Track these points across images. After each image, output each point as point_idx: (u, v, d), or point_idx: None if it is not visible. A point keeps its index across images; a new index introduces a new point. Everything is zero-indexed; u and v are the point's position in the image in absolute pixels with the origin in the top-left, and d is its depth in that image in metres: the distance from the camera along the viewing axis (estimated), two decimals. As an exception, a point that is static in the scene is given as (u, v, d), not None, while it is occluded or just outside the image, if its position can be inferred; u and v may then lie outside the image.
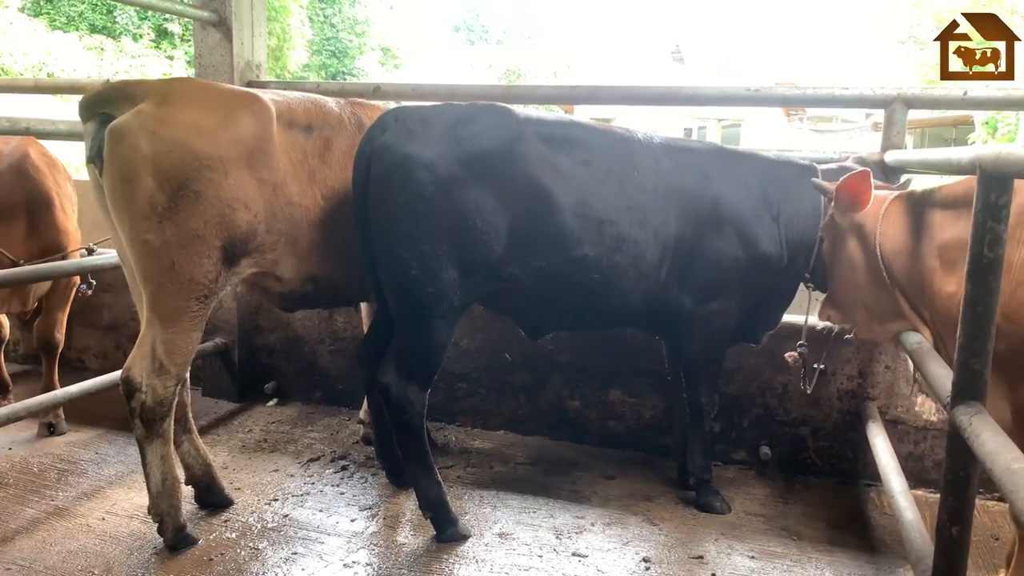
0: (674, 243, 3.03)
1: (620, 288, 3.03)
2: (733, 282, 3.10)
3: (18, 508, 3.20)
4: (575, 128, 3.04)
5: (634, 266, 2.99)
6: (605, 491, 3.45)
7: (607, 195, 2.94)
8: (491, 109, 2.93)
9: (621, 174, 2.99)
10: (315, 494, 3.36)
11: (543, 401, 3.98)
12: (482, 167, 2.78)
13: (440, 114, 2.87)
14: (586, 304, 3.10)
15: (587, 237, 2.91)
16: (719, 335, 3.20)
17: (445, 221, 2.75)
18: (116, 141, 2.57)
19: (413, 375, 2.90)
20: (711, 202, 3.04)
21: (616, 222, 2.94)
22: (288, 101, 3.01)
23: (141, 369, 2.72)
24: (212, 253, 2.69)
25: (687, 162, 3.09)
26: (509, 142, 2.83)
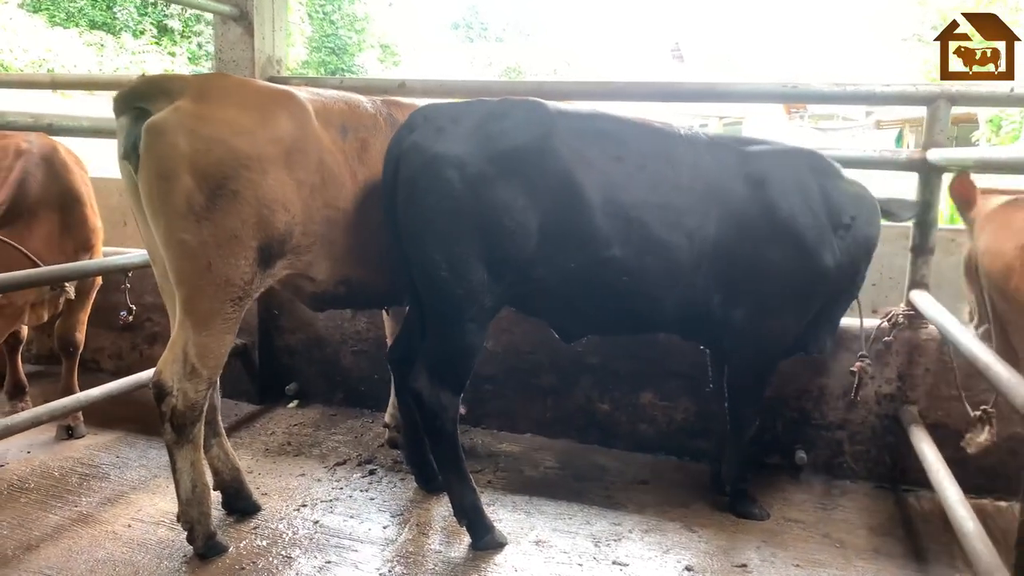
0: (712, 247, 2.90)
1: (651, 292, 2.91)
2: (794, 296, 2.99)
3: (41, 514, 3.12)
4: (609, 122, 2.92)
5: (665, 269, 2.87)
6: (640, 497, 3.38)
7: (638, 192, 2.81)
8: (523, 104, 2.84)
9: (655, 171, 2.86)
10: (344, 499, 3.28)
11: (571, 404, 3.91)
12: (512, 164, 2.68)
13: (470, 111, 2.78)
14: (616, 308, 3.00)
15: (616, 237, 2.79)
16: (771, 351, 3.11)
17: (474, 221, 2.67)
18: (154, 138, 2.50)
19: (445, 380, 2.82)
20: (765, 208, 2.91)
21: (646, 222, 2.81)
22: (323, 100, 2.93)
23: (172, 372, 2.65)
24: (248, 254, 2.62)
25: (734, 162, 2.97)
26: (540, 138, 2.73)
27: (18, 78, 7.82)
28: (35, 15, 22.63)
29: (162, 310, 4.47)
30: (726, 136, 3.12)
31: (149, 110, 2.55)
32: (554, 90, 3.91)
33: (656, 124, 3.05)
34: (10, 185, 3.54)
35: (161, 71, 22.79)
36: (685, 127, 3.09)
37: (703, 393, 3.63)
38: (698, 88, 3.81)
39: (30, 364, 4.97)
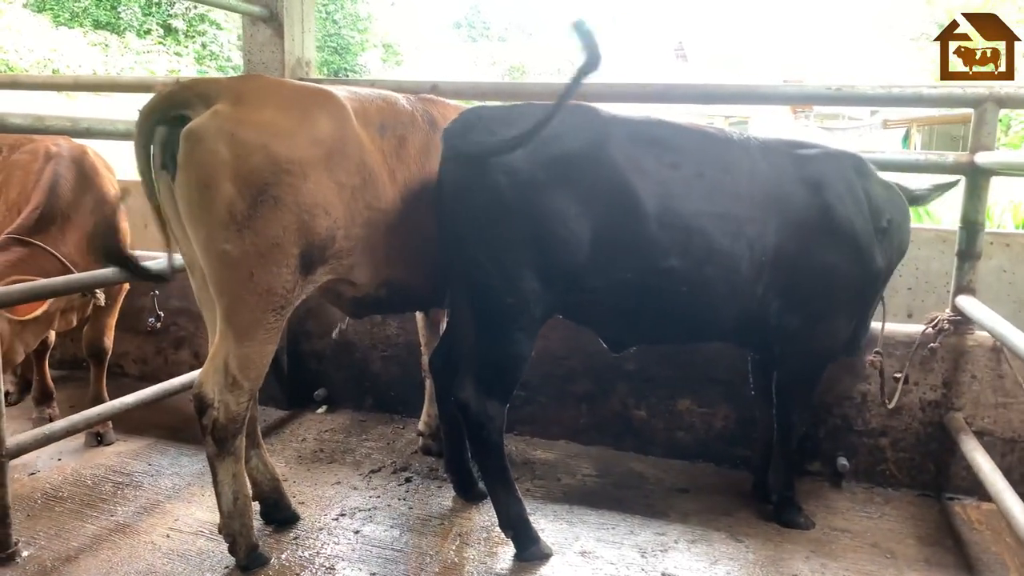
0: (773, 256, 2.84)
1: (710, 303, 2.86)
2: (848, 300, 2.96)
3: (78, 524, 3.07)
4: (664, 128, 2.87)
5: (726, 280, 2.81)
6: (682, 505, 3.33)
7: (696, 202, 2.76)
8: (576, 110, 2.79)
9: (712, 179, 2.81)
10: (383, 508, 3.24)
11: (607, 410, 3.86)
12: (565, 171, 2.64)
13: (522, 114, 2.71)
14: (673, 319, 2.95)
15: (674, 248, 2.73)
16: (824, 355, 3.08)
17: (525, 228, 2.62)
18: (193, 145, 2.41)
19: (493, 389, 2.78)
20: (823, 213, 2.87)
21: (706, 231, 2.76)
22: (361, 99, 2.87)
23: (214, 384, 2.59)
24: (290, 262, 2.55)
25: (789, 167, 2.93)
26: (594, 145, 2.68)
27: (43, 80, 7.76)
28: (39, 15, 22.59)
29: (188, 315, 4.47)
30: (776, 140, 3.06)
31: (188, 117, 2.47)
32: (590, 92, 3.85)
33: (710, 129, 3.01)
34: (43, 189, 3.50)
35: (167, 71, 22.76)
36: (737, 131, 3.04)
37: (742, 399, 3.59)
38: (740, 90, 3.76)
39: (54, 369, 4.92)
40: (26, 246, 3.38)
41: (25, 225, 3.43)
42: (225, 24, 26.38)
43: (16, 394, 4.27)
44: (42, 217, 3.44)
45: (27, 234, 3.41)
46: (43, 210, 3.44)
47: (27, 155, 3.72)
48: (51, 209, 3.47)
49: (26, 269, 3.28)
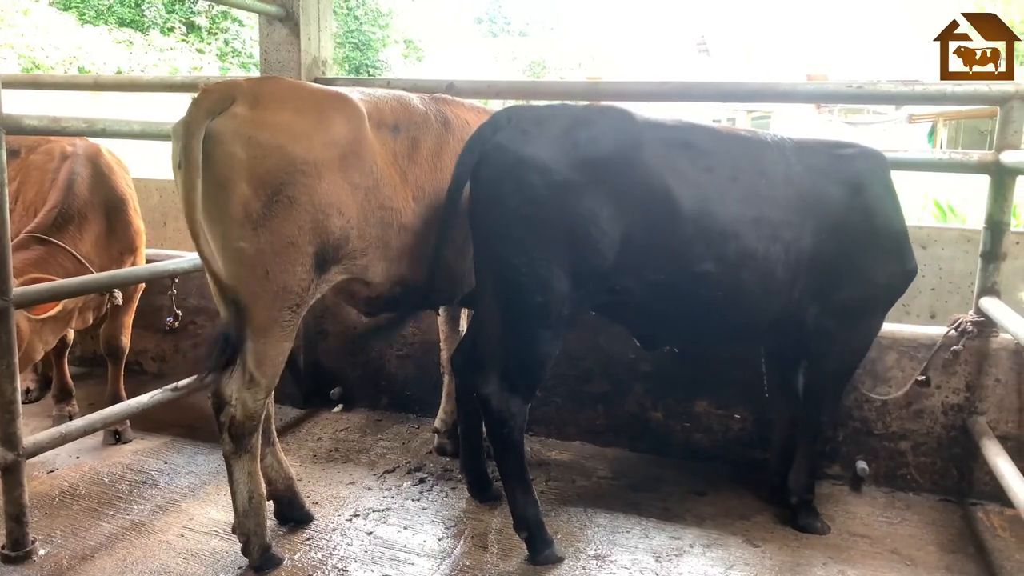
0: (808, 260, 2.81)
1: (746, 307, 2.85)
2: (885, 300, 2.94)
3: (94, 522, 3.10)
4: (697, 132, 2.85)
5: (761, 284, 2.79)
6: (698, 509, 3.29)
7: (731, 206, 2.74)
8: (610, 112, 2.79)
9: (747, 182, 2.79)
10: (396, 509, 3.23)
11: (623, 411, 3.82)
12: (599, 173, 2.64)
13: (555, 115, 2.73)
14: (707, 322, 2.93)
15: (709, 252, 2.72)
16: (859, 354, 3.06)
17: (557, 228, 2.62)
18: (212, 146, 2.45)
19: (517, 387, 2.77)
20: (863, 214, 2.83)
21: (741, 236, 2.74)
22: (375, 101, 2.88)
23: (231, 382, 2.61)
24: (305, 260, 2.58)
25: (826, 167, 2.89)
26: (629, 148, 2.68)
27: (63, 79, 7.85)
28: (65, 13, 22.89)
29: (206, 313, 4.49)
30: (813, 140, 3.01)
31: None
32: (609, 91, 3.82)
33: (743, 132, 2.99)
34: (60, 188, 3.53)
35: (190, 69, 22.96)
36: (771, 134, 2.99)
37: (760, 401, 3.54)
38: (760, 88, 3.70)
39: (73, 366, 4.98)
40: (45, 244, 3.41)
41: (44, 223, 3.46)
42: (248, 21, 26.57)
43: (37, 391, 4.31)
44: (60, 216, 3.46)
45: (46, 232, 3.43)
46: (61, 209, 3.46)
47: (43, 156, 3.75)
48: (68, 208, 3.50)
49: (45, 267, 3.31)
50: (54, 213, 3.47)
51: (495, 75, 30.22)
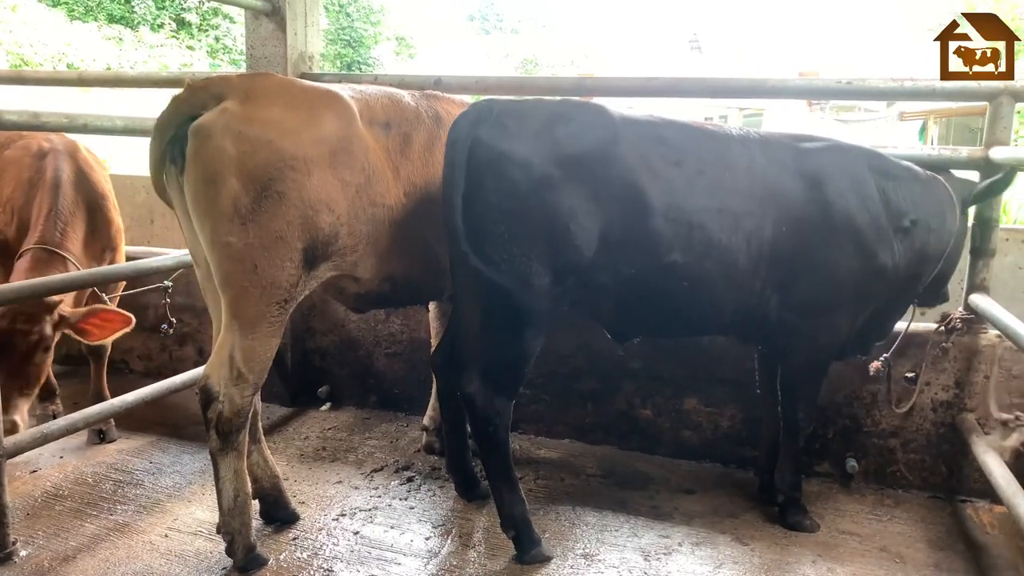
0: (770, 250, 2.82)
1: (710, 296, 2.85)
2: (846, 296, 2.90)
3: (78, 523, 3.06)
4: (667, 127, 2.86)
5: (724, 274, 2.80)
6: (686, 507, 3.28)
7: (697, 198, 2.76)
8: (587, 108, 2.77)
9: (712, 175, 2.80)
10: (384, 509, 3.20)
11: (612, 409, 3.80)
12: (578, 169, 2.63)
13: (534, 110, 2.72)
14: (674, 312, 2.93)
15: (677, 243, 2.73)
16: (826, 350, 3.01)
17: (538, 223, 2.61)
18: (201, 141, 2.44)
19: (500, 386, 2.75)
20: (820, 208, 2.82)
21: (705, 226, 2.75)
22: (366, 98, 2.86)
23: (219, 377, 2.59)
24: (294, 256, 2.56)
25: (789, 162, 2.88)
26: (607, 144, 2.68)
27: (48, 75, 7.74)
28: (55, 9, 22.70)
29: (192, 311, 4.45)
30: (779, 134, 3.01)
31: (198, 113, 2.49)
32: (595, 87, 3.80)
33: (710, 127, 2.99)
34: (49, 189, 3.50)
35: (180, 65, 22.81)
36: (737, 128, 2.99)
37: (750, 399, 3.52)
38: (748, 84, 3.68)
39: (56, 365, 4.91)
40: (54, 256, 3.41)
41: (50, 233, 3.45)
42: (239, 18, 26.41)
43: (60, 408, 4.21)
44: (58, 219, 3.45)
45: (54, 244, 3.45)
46: (55, 211, 3.45)
47: (19, 151, 3.70)
48: (61, 209, 3.48)
49: None
50: (53, 218, 3.45)
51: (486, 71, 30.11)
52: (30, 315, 3.24)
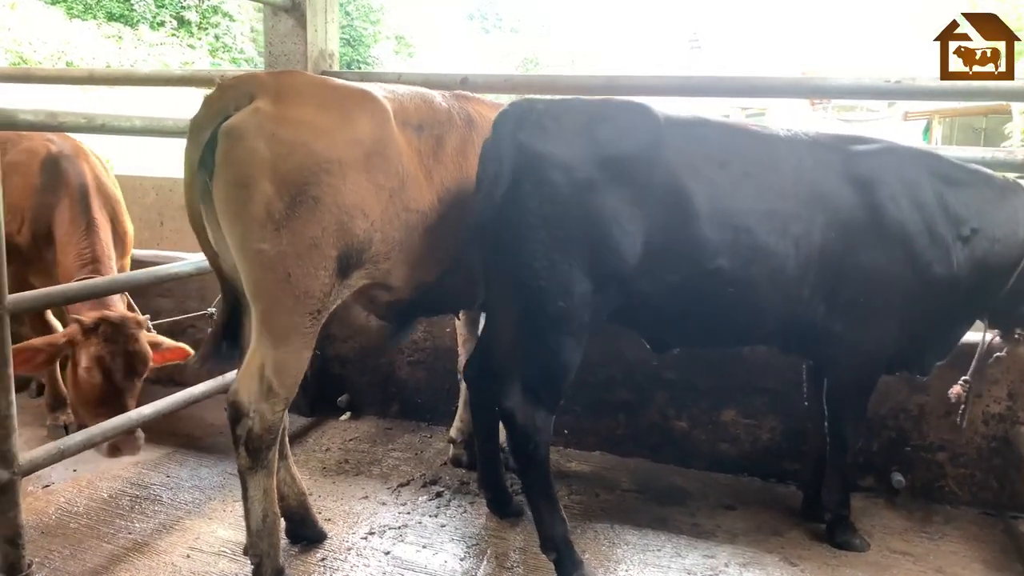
0: (818, 256, 2.69)
1: (755, 305, 2.72)
2: (896, 306, 2.76)
3: (95, 542, 2.92)
4: (711, 127, 2.75)
5: (772, 280, 2.67)
6: (729, 524, 3.15)
7: (744, 200, 2.64)
8: (630, 108, 2.66)
9: (759, 177, 2.68)
10: (414, 526, 3.07)
11: (645, 420, 3.67)
12: (621, 171, 2.52)
13: (576, 111, 2.60)
14: (719, 321, 2.80)
15: (723, 248, 2.61)
16: (873, 362, 2.88)
17: (579, 229, 2.49)
18: (233, 142, 2.30)
19: (540, 399, 2.62)
20: (870, 212, 2.69)
21: (752, 230, 2.62)
22: (400, 98, 2.72)
23: (249, 392, 2.45)
24: (328, 264, 2.42)
25: (838, 164, 2.76)
26: (651, 146, 2.56)
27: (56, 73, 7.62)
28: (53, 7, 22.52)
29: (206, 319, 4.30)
30: (829, 135, 2.88)
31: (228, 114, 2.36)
32: (627, 85, 3.66)
33: (755, 127, 2.86)
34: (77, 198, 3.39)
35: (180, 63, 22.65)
36: (784, 128, 2.87)
37: (790, 410, 3.41)
38: (789, 83, 3.54)
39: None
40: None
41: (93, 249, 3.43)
42: (238, 16, 26.26)
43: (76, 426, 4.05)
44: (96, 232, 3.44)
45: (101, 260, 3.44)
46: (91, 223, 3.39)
47: (24, 154, 3.55)
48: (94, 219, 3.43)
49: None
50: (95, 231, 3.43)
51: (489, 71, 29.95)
52: (134, 334, 3.26)
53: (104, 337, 3.20)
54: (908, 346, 2.90)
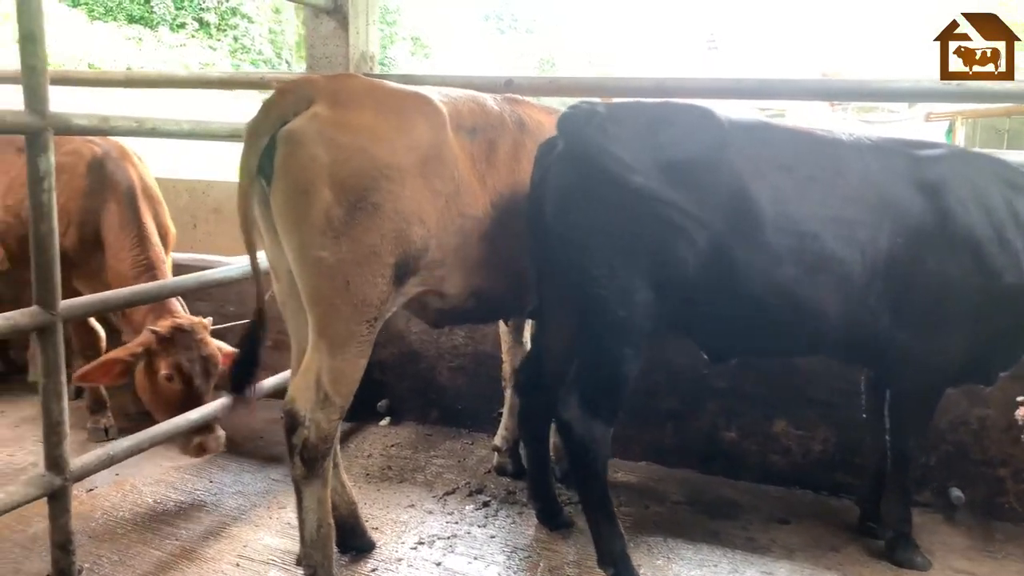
0: (885, 263, 2.62)
1: (821, 314, 2.65)
2: (963, 315, 2.68)
3: (142, 548, 2.90)
4: (775, 131, 2.72)
5: (837, 288, 2.60)
6: (784, 539, 3.07)
7: (810, 205, 2.57)
8: (692, 110, 2.61)
9: (825, 181, 2.62)
10: (463, 536, 3.02)
11: (693, 430, 3.61)
12: (685, 176, 2.47)
13: (638, 114, 2.57)
14: (782, 330, 2.73)
15: (788, 255, 2.54)
16: (939, 374, 2.80)
17: (642, 235, 2.45)
18: (292, 148, 2.27)
19: (599, 410, 2.57)
20: (938, 219, 2.62)
21: (819, 236, 2.56)
22: (454, 101, 2.68)
23: (305, 401, 2.41)
24: (386, 271, 2.38)
25: (904, 169, 2.69)
26: (715, 149, 2.51)
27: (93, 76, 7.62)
28: (75, 9, 22.69)
29: (246, 321, 4.27)
30: (893, 140, 2.82)
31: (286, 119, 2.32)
32: (676, 87, 3.59)
33: (818, 131, 2.80)
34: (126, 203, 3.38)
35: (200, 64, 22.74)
36: (847, 132, 2.80)
37: (844, 422, 3.33)
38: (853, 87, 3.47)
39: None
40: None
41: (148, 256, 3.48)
42: (256, 17, 26.34)
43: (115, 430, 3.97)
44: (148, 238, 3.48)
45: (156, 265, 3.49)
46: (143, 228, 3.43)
47: (70, 157, 3.52)
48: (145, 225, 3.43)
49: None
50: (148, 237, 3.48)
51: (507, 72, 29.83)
52: (204, 338, 3.38)
53: (180, 344, 3.27)
54: (975, 357, 2.82)
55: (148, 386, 3.31)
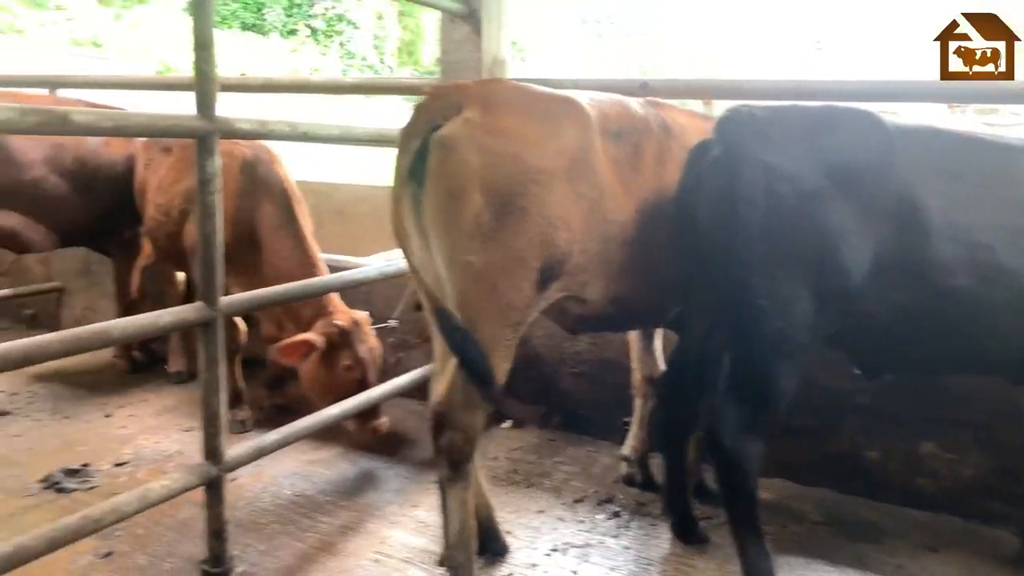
0: None
1: (990, 328, 2.50)
2: None
3: (286, 540, 3.00)
4: (943, 136, 2.58)
5: (1009, 302, 2.45)
6: (935, 568, 2.90)
7: (982, 213, 2.44)
8: (855, 115, 2.50)
9: (996, 189, 2.48)
10: (596, 546, 2.99)
11: (831, 448, 3.46)
12: (850, 182, 2.37)
13: (800, 118, 2.49)
14: (946, 345, 2.58)
15: (959, 266, 2.41)
16: None
17: (803, 243, 2.36)
18: (446, 153, 2.30)
19: (752, 427, 2.49)
20: None
21: (992, 247, 2.41)
22: (601, 105, 2.66)
23: (453, 404, 2.44)
24: (531, 276, 2.38)
25: None
26: (883, 155, 2.41)
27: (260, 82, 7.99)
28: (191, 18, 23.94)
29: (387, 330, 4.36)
30: None
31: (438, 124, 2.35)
32: (817, 90, 3.47)
33: (987, 136, 2.64)
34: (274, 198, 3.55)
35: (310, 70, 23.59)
36: (1018, 137, 2.63)
37: (1000, 446, 3.12)
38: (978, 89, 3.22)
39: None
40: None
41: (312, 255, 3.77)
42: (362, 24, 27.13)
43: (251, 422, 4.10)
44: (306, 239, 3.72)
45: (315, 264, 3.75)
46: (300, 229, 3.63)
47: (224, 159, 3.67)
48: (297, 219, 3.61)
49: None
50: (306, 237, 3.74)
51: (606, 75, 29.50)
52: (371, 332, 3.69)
53: (357, 338, 3.54)
54: None
55: (322, 374, 3.57)
